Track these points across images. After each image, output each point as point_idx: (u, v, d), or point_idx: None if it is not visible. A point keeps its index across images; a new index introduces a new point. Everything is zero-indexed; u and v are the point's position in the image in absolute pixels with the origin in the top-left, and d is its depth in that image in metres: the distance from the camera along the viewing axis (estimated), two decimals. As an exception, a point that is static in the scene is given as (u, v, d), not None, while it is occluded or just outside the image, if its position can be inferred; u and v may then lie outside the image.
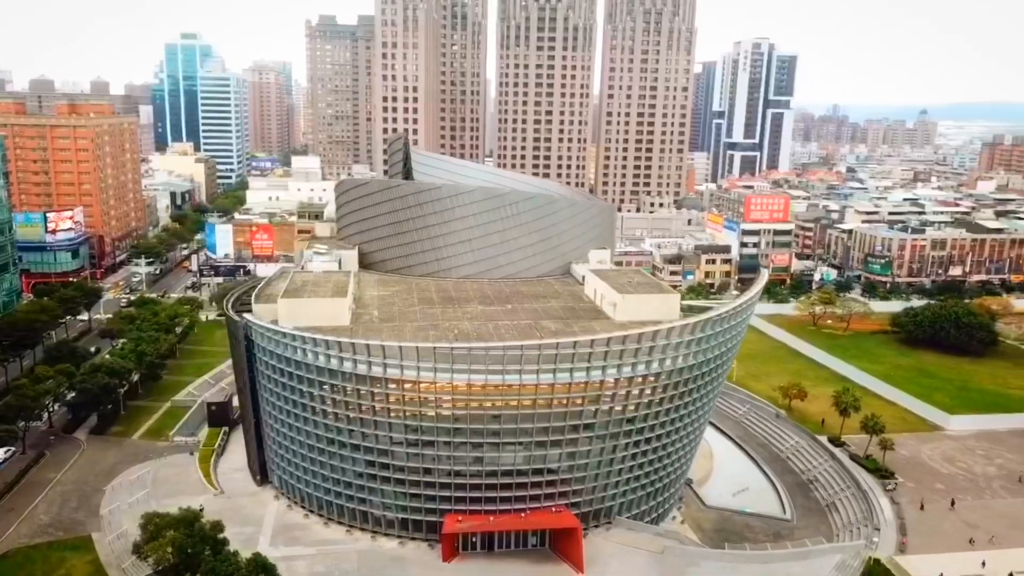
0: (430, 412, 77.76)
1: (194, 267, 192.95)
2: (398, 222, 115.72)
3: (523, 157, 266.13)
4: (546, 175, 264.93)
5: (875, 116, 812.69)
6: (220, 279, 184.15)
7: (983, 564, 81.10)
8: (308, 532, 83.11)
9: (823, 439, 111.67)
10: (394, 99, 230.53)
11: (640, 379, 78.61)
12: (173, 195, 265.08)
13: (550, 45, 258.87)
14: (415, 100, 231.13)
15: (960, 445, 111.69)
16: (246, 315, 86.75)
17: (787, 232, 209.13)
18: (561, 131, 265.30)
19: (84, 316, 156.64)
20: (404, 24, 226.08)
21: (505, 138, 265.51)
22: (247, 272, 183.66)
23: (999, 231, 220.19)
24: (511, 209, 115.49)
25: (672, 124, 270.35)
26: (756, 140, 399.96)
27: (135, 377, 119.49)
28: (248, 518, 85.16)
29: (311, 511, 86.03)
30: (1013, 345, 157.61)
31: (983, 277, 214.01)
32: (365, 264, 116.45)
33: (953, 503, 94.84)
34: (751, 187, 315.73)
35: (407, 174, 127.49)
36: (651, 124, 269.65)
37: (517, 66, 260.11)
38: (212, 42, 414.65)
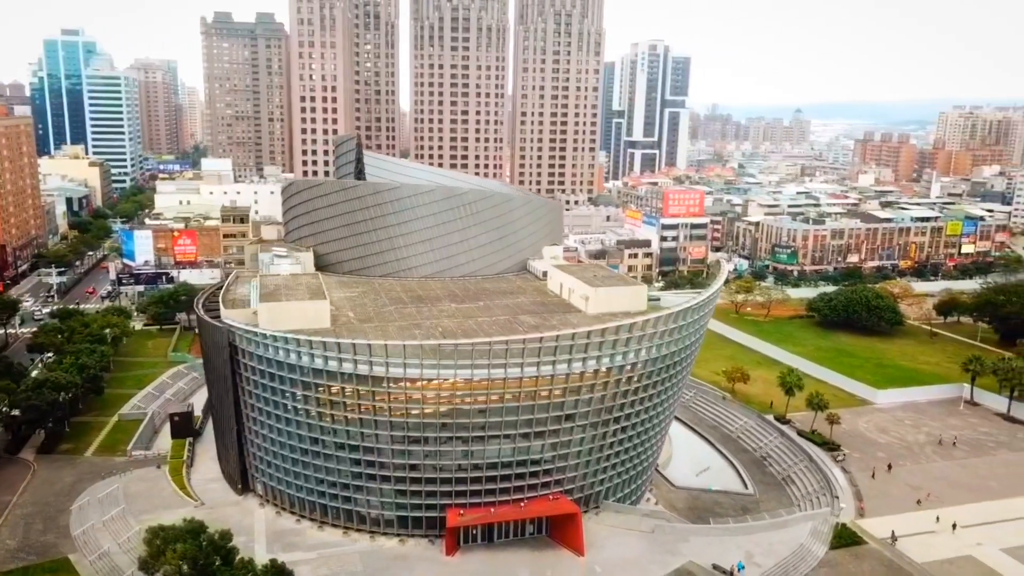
0: (429, 409, 78.74)
1: (112, 275, 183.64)
2: (355, 223, 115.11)
3: (440, 157, 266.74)
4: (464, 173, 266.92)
5: (753, 115, 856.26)
6: (141, 288, 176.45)
7: (937, 519, 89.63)
8: (304, 537, 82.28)
9: (769, 418, 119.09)
10: (312, 99, 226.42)
11: (626, 368, 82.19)
12: (69, 201, 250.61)
13: (464, 45, 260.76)
14: (334, 100, 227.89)
15: (890, 416, 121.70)
16: (227, 320, 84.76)
17: (703, 225, 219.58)
18: (477, 131, 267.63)
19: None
20: (321, 23, 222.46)
21: (422, 138, 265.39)
22: (170, 279, 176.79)
23: (888, 220, 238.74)
24: (470, 208, 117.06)
25: (584, 123, 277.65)
26: (655, 138, 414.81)
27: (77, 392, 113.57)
28: (237, 527, 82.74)
29: (303, 516, 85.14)
30: (915, 325, 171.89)
31: (877, 263, 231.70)
32: (320, 266, 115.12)
33: (890, 467, 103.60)
34: (656, 183, 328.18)
35: (359, 174, 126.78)
36: (564, 123, 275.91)
37: (432, 66, 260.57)
38: (95, 38, 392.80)
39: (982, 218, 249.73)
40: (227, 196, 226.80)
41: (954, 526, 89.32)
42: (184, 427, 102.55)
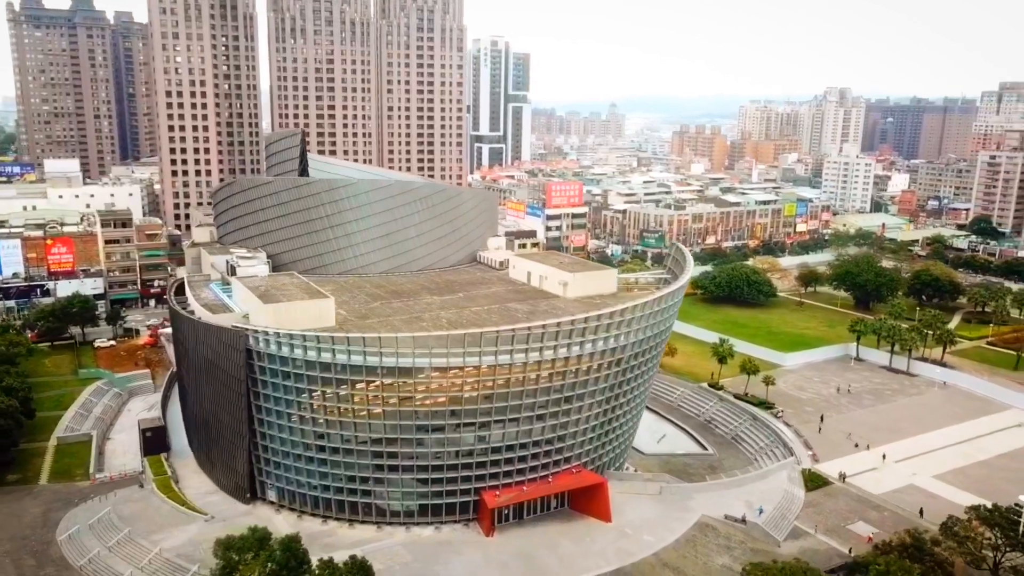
0: (457, 396, 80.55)
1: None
2: (310, 220, 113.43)
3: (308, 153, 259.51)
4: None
5: (570, 110, 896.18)
6: (11, 303, 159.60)
7: (883, 457, 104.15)
8: (337, 537, 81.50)
9: (704, 385, 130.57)
10: (179, 93, 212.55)
11: (629, 345, 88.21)
12: None
13: (328, 39, 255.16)
14: (203, 95, 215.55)
15: (800, 376, 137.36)
16: (243, 324, 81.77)
17: (582, 215, 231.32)
18: (345, 126, 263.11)
19: None
20: (185, 13, 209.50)
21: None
22: (46, 292, 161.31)
23: (737, 204, 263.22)
24: (425, 202, 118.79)
25: (450, 118, 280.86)
26: (500, 133, 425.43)
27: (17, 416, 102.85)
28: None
29: (328, 516, 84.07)
30: (785, 296, 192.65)
31: (730, 244, 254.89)
32: (273, 267, 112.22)
33: (822, 418, 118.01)
34: (512, 176, 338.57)
35: (303, 172, 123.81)
36: (431, 118, 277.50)
37: (295, 60, 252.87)
38: None
39: (811, 200, 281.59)
40: (80, 200, 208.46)
41: (884, 456, 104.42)
42: (158, 442, 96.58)
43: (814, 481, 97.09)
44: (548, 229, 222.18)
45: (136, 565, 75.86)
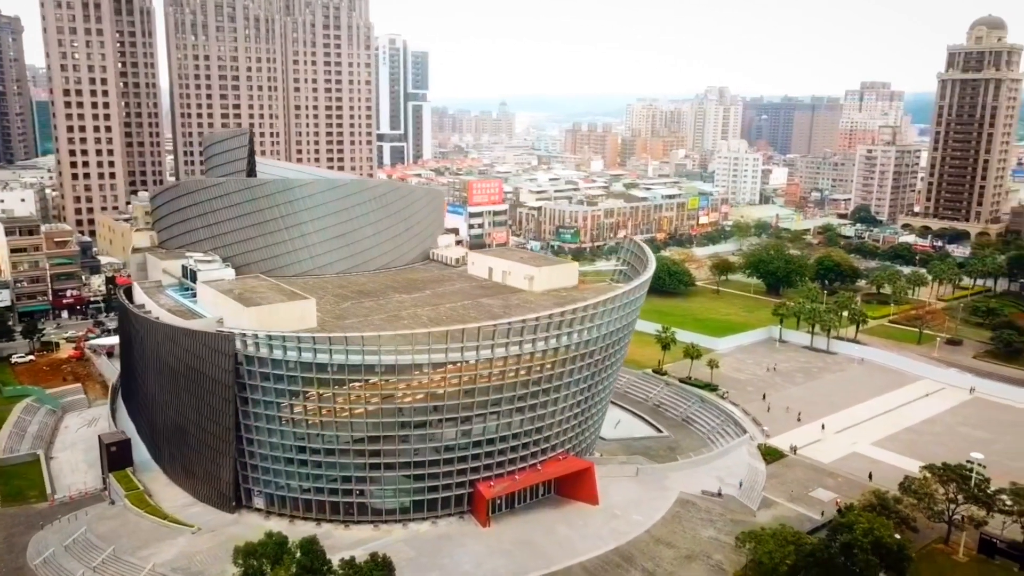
0: (456, 391, 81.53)
1: None
2: (265, 222, 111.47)
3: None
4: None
5: (460, 108, 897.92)
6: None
7: (823, 427, 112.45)
8: (335, 538, 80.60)
9: (648, 371, 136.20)
10: (79, 91, 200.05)
11: (609, 335, 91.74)
12: None
13: (231, 36, 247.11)
14: (104, 93, 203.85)
15: (734, 359, 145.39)
16: (231, 329, 79.70)
17: (503, 212, 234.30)
18: (252, 125, 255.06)
19: None
20: (83, 7, 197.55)
21: (190, 133, 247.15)
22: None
23: (645, 199, 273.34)
24: (380, 200, 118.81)
25: (359, 116, 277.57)
26: (401, 131, 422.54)
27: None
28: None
29: (321, 519, 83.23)
30: (702, 285, 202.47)
31: (641, 237, 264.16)
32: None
33: (764, 396, 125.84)
34: (420, 175, 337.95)
35: (251, 172, 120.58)
36: (339, 117, 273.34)
37: (196, 57, 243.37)
38: None
39: (711, 194, 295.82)
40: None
41: (823, 427, 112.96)
42: (123, 456, 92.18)
43: (770, 455, 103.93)
44: (471, 227, 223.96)
45: (120, 583, 72.97)
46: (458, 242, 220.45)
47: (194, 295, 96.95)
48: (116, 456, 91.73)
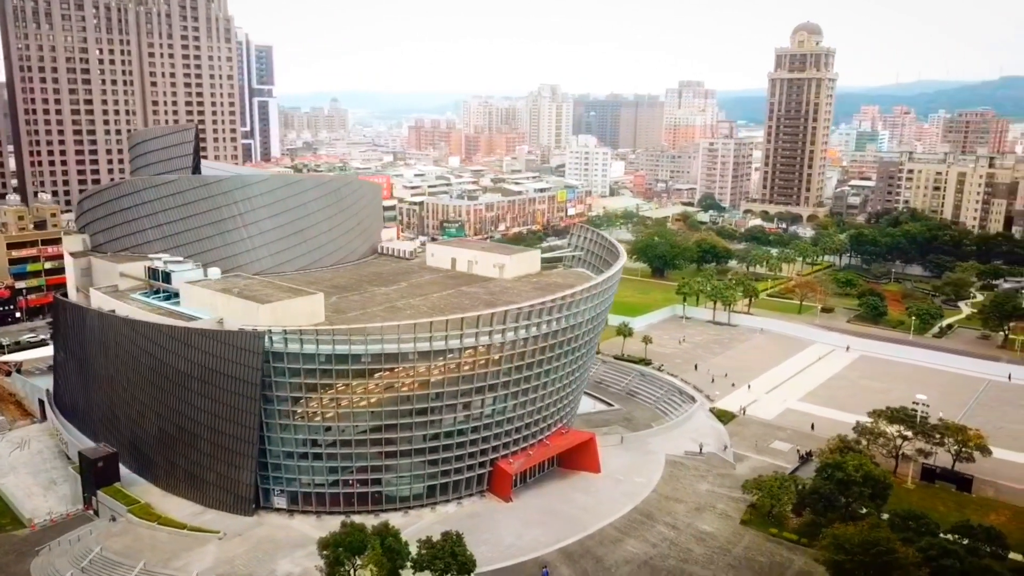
0: (471, 375, 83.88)
1: None
2: (222, 220, 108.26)
3: (63, 153, 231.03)
4: (94, 172, 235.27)
5: (292, 105, 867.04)
6: None
7: (748, 387, 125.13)
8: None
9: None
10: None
11: (598, 316, 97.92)
12: None
13: (80, 26, 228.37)
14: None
15: (652, 336, 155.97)
16: (257, 328, 77.63)
17: (392, 207, 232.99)
18: (106, 122, 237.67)
19: None
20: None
21: (36, 131, 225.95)
22: None
23: (520, 193, 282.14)
24: (334, 196, 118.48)
25: (222, 112, 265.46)
26: (248, 128, 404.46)
27: None
28: (295, 541, 78.16)
29: (349, 511, 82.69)
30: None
31: (518, 229, 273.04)
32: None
33: (696, 367, 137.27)
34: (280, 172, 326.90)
35: (196, 170, 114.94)
36: (201, 113, 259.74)
37: (41, 48, 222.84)
38: None
39: (576, 187, 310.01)
40: None
41: (748, 387, 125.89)
42: (111, 472, 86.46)
43: (724, 417, 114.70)
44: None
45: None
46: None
47: (169, 297, 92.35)
48: (103, 472, 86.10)
